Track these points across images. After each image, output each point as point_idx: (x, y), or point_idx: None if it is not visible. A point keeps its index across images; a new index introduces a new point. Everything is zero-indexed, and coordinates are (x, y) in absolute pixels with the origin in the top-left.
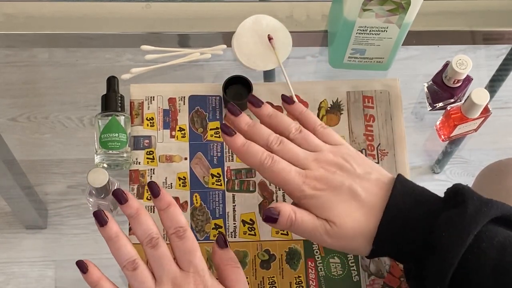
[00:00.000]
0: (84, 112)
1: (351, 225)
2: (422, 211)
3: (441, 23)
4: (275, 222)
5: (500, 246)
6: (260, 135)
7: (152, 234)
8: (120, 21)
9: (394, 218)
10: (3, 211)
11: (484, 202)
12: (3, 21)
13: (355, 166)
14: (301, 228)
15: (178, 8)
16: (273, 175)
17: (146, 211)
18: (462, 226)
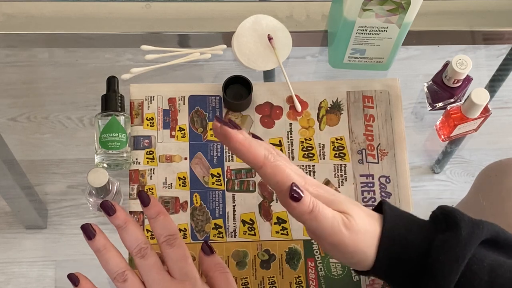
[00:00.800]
0: (84, 112)
1: (364, 220)
2: (417, 233)
3: (441, 23)
4: (298, 201)
5: (490, 268)
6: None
7: (141, 244)
8: (120, 21)
9: (392, 240)
10: (3, 211)
11: (476, 224)
12: (3, 21)
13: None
14: (321, 215)
15: (178, 8)
16: (278, 171)
17: (134, 221)
18: (458, 250)
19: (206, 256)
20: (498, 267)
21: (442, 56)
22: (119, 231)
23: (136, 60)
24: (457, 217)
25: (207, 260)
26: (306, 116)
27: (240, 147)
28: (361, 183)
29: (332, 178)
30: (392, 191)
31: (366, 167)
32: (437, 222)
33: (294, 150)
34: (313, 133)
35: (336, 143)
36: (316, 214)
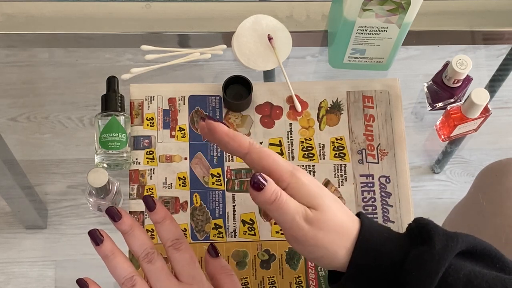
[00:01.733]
0: (84, 112)
1: (337, 218)
2: (392, 246)
3: (441, 23)
4: (260, 190)
5: (466, 280)
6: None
7: (147, 249)
8: (120, 21)
9: (367, 250)
10: (3, 211)
11: (450, 237)
12: (3, 21)
13: None
14: (282, 207)
15: (178, 8)
16: (264, 156)
17: (140, 226)
18: (432, 265)
19: (212, 259)
20: (474, 278)
21: (442, 56)
22: (125, 237)
23: (136, 60)
24: (431, 231)
25: (213, 263)
26: (306, 116)
27: (225, 137)
28: (361, 183)
29: (332, 178)
30: (392, 191)
31: (366, 167)
32: (413, 235)
33: (294, 150)
34: (313, 133)
35: (336, 143)
36: (278, 205)
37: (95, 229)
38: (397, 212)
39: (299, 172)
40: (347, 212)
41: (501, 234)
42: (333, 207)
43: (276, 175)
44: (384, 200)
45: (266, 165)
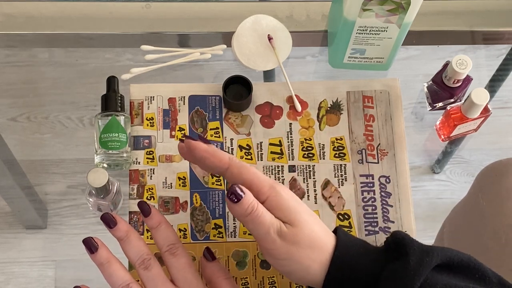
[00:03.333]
0: (84, 112)
1: (313, 233)
2: (368, 261)
3: (441, 23)
4: (237, 202)
5: None
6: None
7: (143, 255)
8: (120, 21)
9: (342, 265)
10: (3, 211)
11: (425, 251)
12: (3, 21)
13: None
14: (257, 220)
15: (178, 8)
16: (243, 170)
17: (136, 232)
18: (406, 281)
19: (208, 263)
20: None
21: (442, 56)
22: (121, 243)
23: (136, 60)
24: (407, 246)
25: (209, 267)
26: (306, 116)
27: (205, 154)
28: (361, 183)
29: (332, 178)
30: (392, 191)
31: (366, 167)
32: (389, 250)
33: (294, 150)
34: (313, 133)
35: (336, 143)
36: (253, 218)
37: (89, 237)
38: (397, 212)
39: (278, 186)
40: (324, 228)
41: (501, 234)
42: (310, 222)
43: (256, 188)
44: (384, 200)
45: (246, 179)
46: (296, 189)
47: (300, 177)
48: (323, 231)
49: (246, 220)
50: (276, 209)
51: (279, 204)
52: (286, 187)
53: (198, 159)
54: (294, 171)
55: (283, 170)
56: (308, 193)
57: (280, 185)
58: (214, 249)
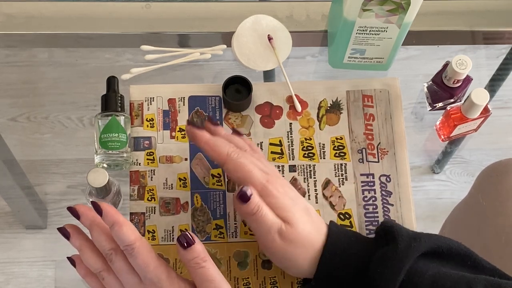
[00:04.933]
0: (84, 112)
1: (305, 232)
2: (358, 249)
3: (441, 23)
4: (246, 202)
5: (432, 280)
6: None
7: (105, 250)
8: (120, 21)
9: (333, 255)
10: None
11: (413, 237)
12: (3, 21)
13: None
14: (261, 219)
15: (178, 8)
16: (238, 167)
17: (98, 227)
18: (395, 262)
19: (182, 250)
20: (439, 278)
21: (442, 56)
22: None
23: (136, 60)
24: (395, 232)
25: (182, 255)
26: (306, 115)
27: (205, 146)
28: (361, 182)
29: (333, 177)
30: (393, 190)
31: (366, 166)
32: (378, 238)
33: (294, 149)
34: (313, 133)
35: (336, 142)
36: (257, 218)
37: (62, 227)
38: (397, 211)
39: (271, 185)
40: (316, 224)
41: (501, 235)
42: (302, 220)
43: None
44: (385, 199)
45: (240, 177)
46: (297, 189)
47: (301, 176)
48: (315, 228)
49: (251, 219)
50: (270, 207)
51: (272, 203)
52: (280, 184)
53: (201, 148)
54: (294, 171)
55: (284, 170)
56: (308, 192)
57: (273, 183)
58: (215, 250)
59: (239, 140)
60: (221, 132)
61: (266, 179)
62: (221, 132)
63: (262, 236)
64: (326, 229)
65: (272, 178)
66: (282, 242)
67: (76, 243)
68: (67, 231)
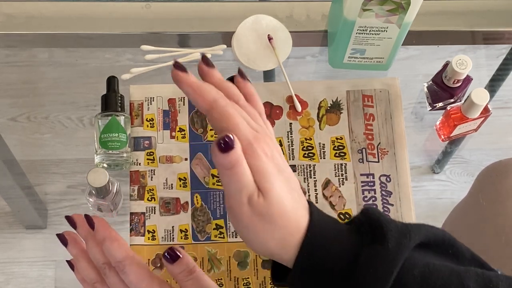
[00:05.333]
0: (84, 112)
1: (279, 209)
2: (342, 245)
3: (441, 23)
4: (226, 152)
5: (421, 278)
6: (208, 92)
7: (99, 263)
8: (120, 21)
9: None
10: (3, 211)
11: (402, 233)
12: (3, 21)
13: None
14: (235, 177)
15: (178, 8)
16: (225, 117)
17: (92, 239)
18: (385, 266)
19: (169, 265)
20: (429, 275)
21: (442, 56)
22: None
23: (136, 60)
24: (384, 228)
25: (170, 269)
26: (306, 115)
27: (189, 89)
28: (361, 182)
29: (333, 177)
30: (393, 190)
31: (366, 166)
32: (363, 232)
33: (295, 149)
34: (313, 133)
35: (336, 142)
36: (232, 173)
37: (61, 234)
38: (398, 211)
39: (257, 144)
40: (296, 203)
41: (501, 235)
42: (280, 194)
43: None
44: (385, 199)
45: (225, 127)
46: None
47: (301, 176)
48: (293, 209)
49: (225, 173)
50: (250, 169)
51: (253, 165)
52: (269, 144)
53: (185, 93)
54: (294, 171)
55: None
56: (309, 192)
57: (262, 142)
58: (215, 250)
59: (234, 89)
60: (214, 75)
61: (253, 136)
62: (214, 75)
63: (230, 196)
64: (305, 212)
65: (260, 137)
66: (249, 210)
67: (73, 251)
68: (65, 238)
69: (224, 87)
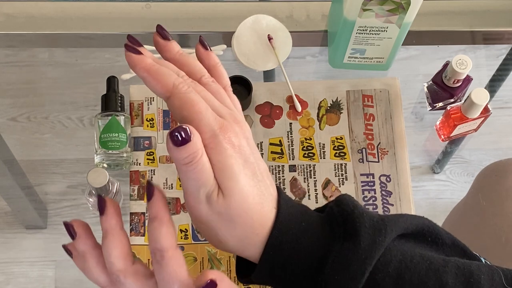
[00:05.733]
0: (84, 112)
1: (240, 207)
2: (311, 240)
3: (441, 23)
4: (181, 146)
5: (396, 275)
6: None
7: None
8: (120, 21)
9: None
10: (3, 211)
11: (377, 228)
12: (3, 21)
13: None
14: (193, 174)
15: (178, 8)
16: (185, 103)
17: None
18: (357, 265)
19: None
20: (406, 272)
21: (442, 56)
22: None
23: None
24: (357, 223)
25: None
26: (306, 115)
27: (145, 74)
28: (361, 182)
29: (333, 177)
30: (393, 190)
31: (366, 166)
32: (335, 224)
33: (295, 149)
34: (313, 133)
35: (336, 142)
36: (189, 169)
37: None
38: (398, 211)
39: (224, 135)
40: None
41: (501, 234)
42: (243, 191)
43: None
44: (385, 199)
45: (187, 116)
46: (297, 188)
47: (301, 176)
48: (257, 205)
49: (181, 168)
50: (212, 164)
51: (215, 161)
52: (236, 131)
53: (140, 78)
54: (294, 171)
55: (284, 170)
56: (308, 192)
57: (228, 132)
58: (215, 250)
59: (195, 64)
60: (172, 50)
61: (219, 125)
62: (172, 49)
63: (187, 192)
64: (272, 205)
65: (227, 125)
66: (207, 208)
67: (81, 247)
68: (74, 231)
69: (184, 63)
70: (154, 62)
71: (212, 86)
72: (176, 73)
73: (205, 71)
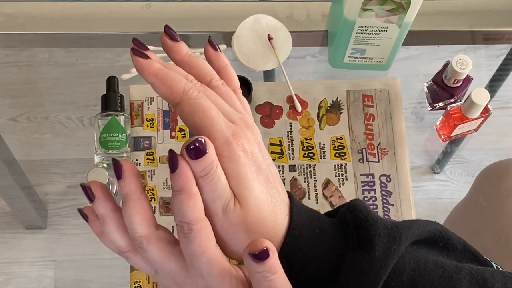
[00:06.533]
0: (84, 112)
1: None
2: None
3: (441, 23)
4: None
5: (410, 283)
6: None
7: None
8: (120, 21)
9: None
10: (3, 211)
11: (392, 236)
12: (3, 21)
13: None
14: (209, 186)
15: (178, 8)
16: (196, 109)
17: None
18: (371, 275)
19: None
20: (419, 280)
21: (442, 56)
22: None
23: None
24: (371, 231)
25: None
26: (306, 115)
27: (154, 80)
28: (361, 182)
29: (333, 177)
30: (393, 190)
31: (366, 166)
32: (348, 231)
33: (295, 149)
34: (313, 133)
35: (336, 142)
36: (205, 182)
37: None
38: (398, 211)
39: (237, 142)
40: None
41: (501, 235)
42: (259, 200)
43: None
44: (385, 199)
45: (198, 123)
46: (297, 188)
47: (301, 176)
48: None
49: (197, 181)
50: (226, 173)
51: (229, 170)
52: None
53: (149, 83)
54: (294, 171)
55: (284, 170)
56: (309, 192)
57: (240, 139)
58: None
59: (205, 66)
60: (181, 51)
61: (231, 132)
62: (181, 50)
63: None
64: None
65: (239, 131)
66: (224, 220)
67: (100, 210)
68: (92, 193)
69: (193, 65)
70: (162, 67)
71: (222, 89)
72: (185, 77)
73: (214, 73)
